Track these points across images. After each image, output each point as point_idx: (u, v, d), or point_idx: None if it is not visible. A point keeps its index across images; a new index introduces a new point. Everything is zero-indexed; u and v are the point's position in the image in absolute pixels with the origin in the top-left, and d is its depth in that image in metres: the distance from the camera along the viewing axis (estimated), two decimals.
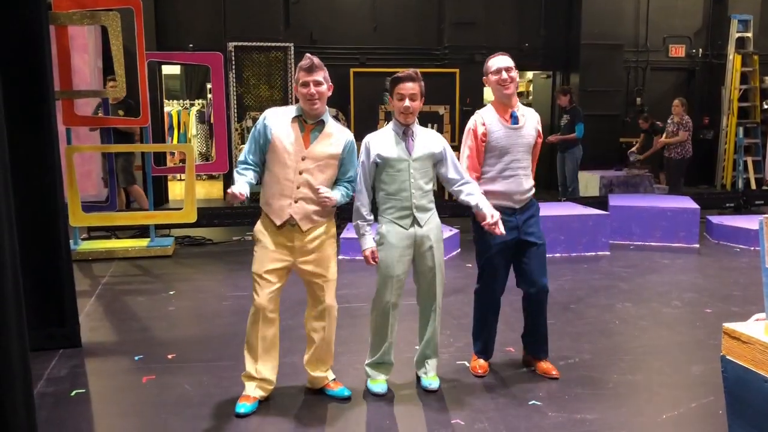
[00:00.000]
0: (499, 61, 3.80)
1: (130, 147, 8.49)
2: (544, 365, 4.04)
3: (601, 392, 3.80)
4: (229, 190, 3.29)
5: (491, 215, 3.59)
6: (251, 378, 3.59)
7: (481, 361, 4.09)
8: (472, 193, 3.69)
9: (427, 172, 3.65)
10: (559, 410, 3.56)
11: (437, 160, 3.69)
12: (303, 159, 3.42)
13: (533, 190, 3.96)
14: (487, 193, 3.79)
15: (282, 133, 3.42)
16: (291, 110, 3.50)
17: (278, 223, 3.44)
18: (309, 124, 3.46)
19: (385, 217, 3.66)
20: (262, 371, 3.57)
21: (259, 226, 3.53)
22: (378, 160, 3.60)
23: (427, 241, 3.65)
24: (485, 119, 3.83)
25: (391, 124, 3.69)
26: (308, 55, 3.46)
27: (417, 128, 3.67)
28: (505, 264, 3.93)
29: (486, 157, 3.85)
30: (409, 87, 3.55)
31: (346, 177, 3.58)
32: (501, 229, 3.60)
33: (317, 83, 3.38)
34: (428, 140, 3.67)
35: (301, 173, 3.42)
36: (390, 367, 3.84)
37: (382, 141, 3.63)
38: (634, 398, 3.75)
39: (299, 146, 3.42)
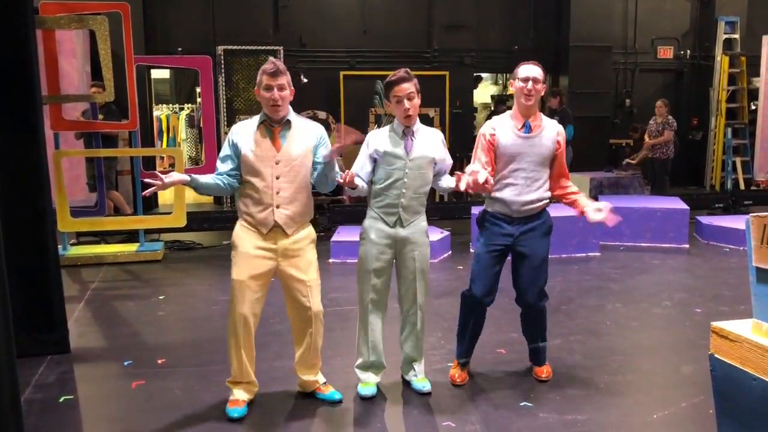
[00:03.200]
0: (529, 70, 3.68)
1: (119, 152, 8.44)
2: (536, 369, 4.04)
3: (591, 393, 3.81)
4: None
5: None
6: (238, 383, 3.57)
7: (460, 370, 3.99)
8: (448, 180, 3.72)
9: (423, 175, 3.62)
10: (550, 411, 3.56)
11: (435, 164, 3.68)
12: (277, 163, 3.39)
13: (542, 203, 3.79)
14: (492, 199, 3.79)
15: (250, 145, 3.39)
16: (254, 120, 3.47)
17: (264, 231, 3.42)
18: (276, 127, 3.43)
19: (373, 209, 3.66)
20: (247, 375, 3.56)
21: (238, 232, 3.49)
22: (376, 156, 3.60)
23: (408, 244, 3.64)
24: (496, 126, 3.76)
25: (392, 124, 3.67)
26: (272, 59, 3.44)
27: (419, 128, 3.64)
28: (491, 269, 3.78)
29: (496, 164, 3.75)
30: (405, 88, 3.53)
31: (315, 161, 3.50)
32: (480, 178, 3.41)
33: (281, 87, 3.35)
34: (429, 143, 3.64)
35: (278, 178, 3.39)
36: (380, 370, 3.83)
37: (382, 138, 3.63)
38: (624, 398, 3.76)
39: (271, 152, 3.39)
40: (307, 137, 3.48)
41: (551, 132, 3.77)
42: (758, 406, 1.82)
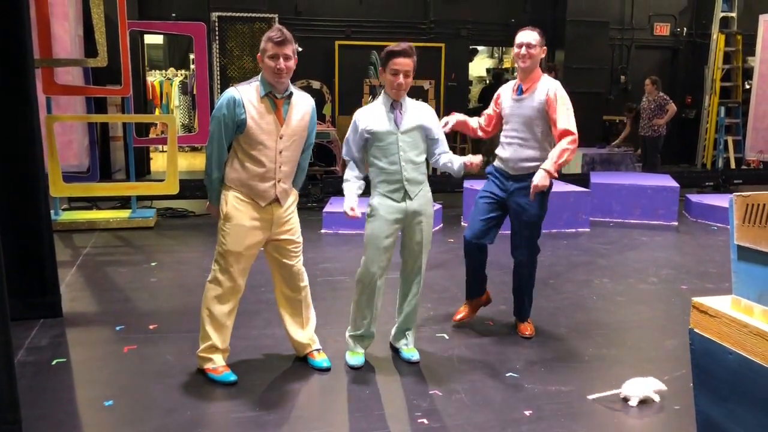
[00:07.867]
0: (523, 36, 3.99)
1: (111, 117, 8.40)
2: (521, 325, 4.28)
3: (576, 365, 3.88)
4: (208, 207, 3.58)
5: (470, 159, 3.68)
6: (217, 350, 3.58)
7: (462, 306, 4.35)
8: (450, 159, 3.72)
9: (418, 144, 3.64)
10: (535, 382, 3.63)
11: (427, 132, 3.69)
12: (281, 137, 3.39)
13: (536, 163, 3.95)
14: (497, 156, 4.16)
15: (256, 116, 3.33)
16: (256, 88, 3.36)
17: (263, 204, 3.43)
18: (279, 99, 3.39)
19: (377, 190, 3.67)
20: (227, 340, 3.61)
21: (232, 202, 3.41)
22: (367, 135, 3.60)
23: (418, 215, 3.67)
24: (503, 88, 4.21)
25: (380, 98, 3.67)
26: (278, 26, 3.37)
27: (407, 101, 3.65)
28: (482, 214, 4.09)
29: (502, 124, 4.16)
30: (405, 63, 3.51)
31: (308, 142, 3.60)
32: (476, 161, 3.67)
33: (287, 57, 3.30)
34: (417, 113, 3.66)
35: (281, 152, 3.40)
36: (371, 340, 3.89)
37: (371, 115, 3.62)
38: (608, 371, 3.83)
39: (275, 126, 3.37)
40: (305, 111, 3.49)
41: (540, 94, 3.96)
42: (733, 379, 1.88)
